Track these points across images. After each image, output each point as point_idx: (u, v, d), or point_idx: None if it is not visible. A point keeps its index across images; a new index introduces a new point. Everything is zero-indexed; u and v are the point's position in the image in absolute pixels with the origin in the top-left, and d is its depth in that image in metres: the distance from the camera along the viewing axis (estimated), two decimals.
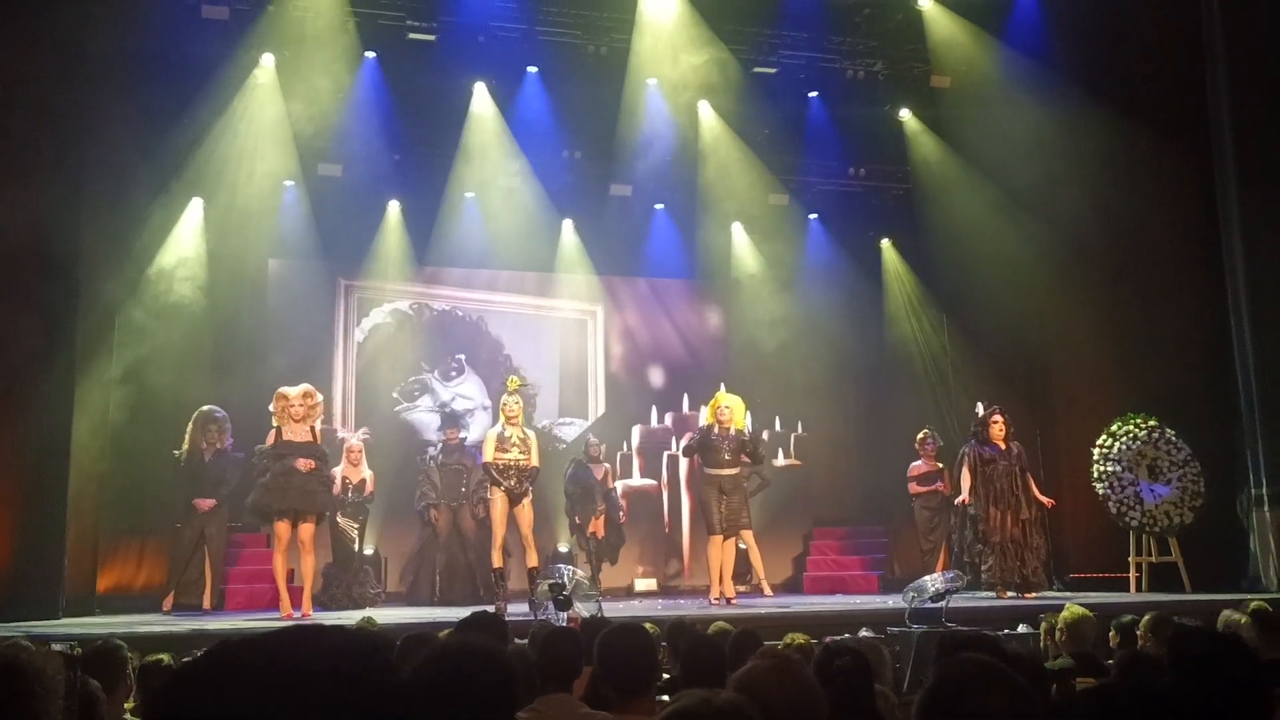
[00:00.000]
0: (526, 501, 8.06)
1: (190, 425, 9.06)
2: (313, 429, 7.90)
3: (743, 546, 8.97)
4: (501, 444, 8.06)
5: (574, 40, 10.53)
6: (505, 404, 8.18)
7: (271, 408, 7.91)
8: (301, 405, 7.81)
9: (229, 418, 9.20)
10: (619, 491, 10.73)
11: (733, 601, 8.44)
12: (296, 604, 7.88)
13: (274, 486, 7.64)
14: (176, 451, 9.06)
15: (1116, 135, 9.66)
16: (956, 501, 8.93)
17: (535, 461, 8.15)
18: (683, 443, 8.72)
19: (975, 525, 8.80)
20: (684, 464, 11.83)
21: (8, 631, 6.10)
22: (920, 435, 10.35)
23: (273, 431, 7.86)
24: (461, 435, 10.16)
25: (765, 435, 12.09)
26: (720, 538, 8.46)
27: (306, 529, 7.70)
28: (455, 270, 11.79)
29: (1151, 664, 3.04)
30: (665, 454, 11.99)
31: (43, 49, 7.62)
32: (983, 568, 8.68)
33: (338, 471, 9.13)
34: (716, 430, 8.56)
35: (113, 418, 9.11)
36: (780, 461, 12.16)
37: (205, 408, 9.13)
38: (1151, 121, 9.62)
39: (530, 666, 3.30)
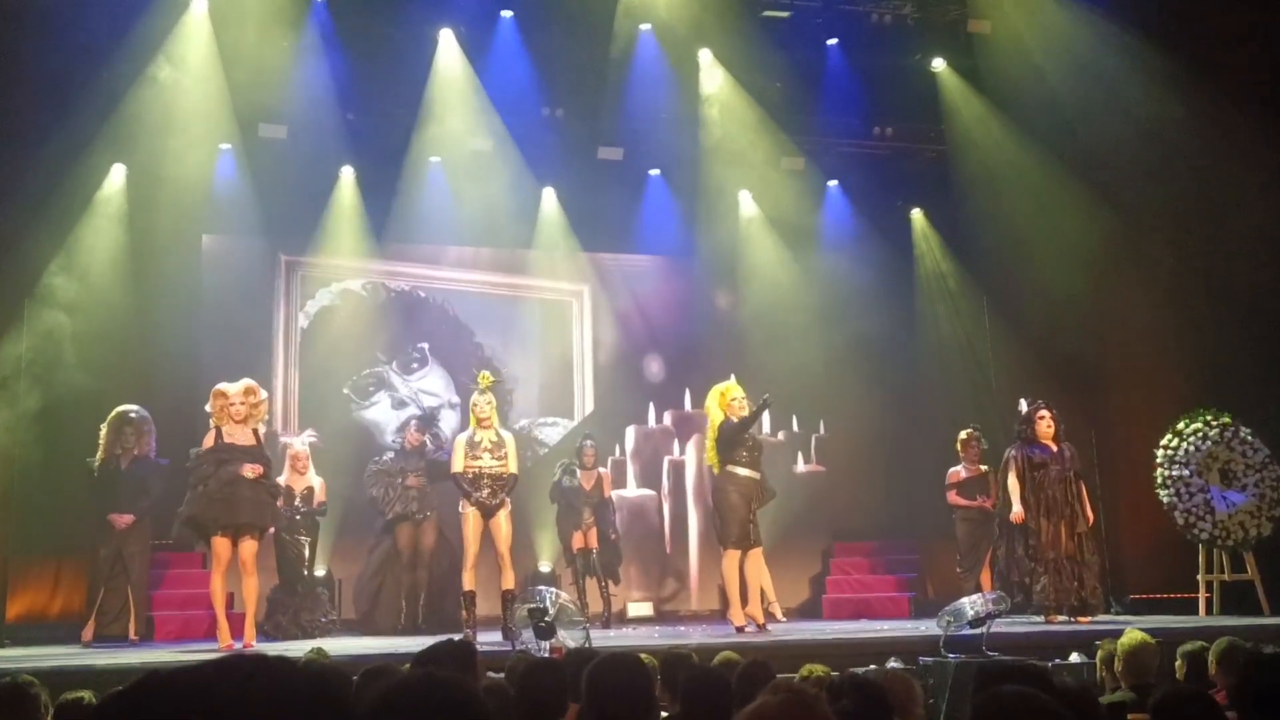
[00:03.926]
0: (503, 515, 8.06)
1: (104, 429, 9.03)
2: (255, 431, 7.89)
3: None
4: (472, 449, 8.05)
5: None
6: (475, 404, 8.16)
7: (209, 407, 7.88)
8: (243, 404, 7.79)
9: (150, 419, 9.17)
10: (614, 505, 10.71)
11: (763, 626, 8.41)
12: (237, 633, 7.87)
13: (218, 497, 7.61)
14: (90, 460, 9.04)
15: (1185, 93, 9.63)
16: (1011, 517, 8.80)
17: (513, 468, 8.13)
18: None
19: (1025, 539, 8.77)
20: (691, 470, 11.86)
21: None
22: (963, 435, 10.20)
23: (210, 433, 7.84)
24: (423, 439, 10.12)
25: (781, 436, 12.11)
26: (738, 552, 8.45)
27: (249, 546, 7.68)
28: (418, 247, 11.79)
29: (1196, 702, 3.05)
30: (666, 459, 12.00)
31: None
32: (1034, 588, 8.66)
33: (281, 481, 9.12)
34: (733, 425, 8.51)
35: (19, 422, 9.07)
36: (801, 467, 12.18)
37: (121, 408, 9.09)
38: (1227, 77, 9.59)
39: (507, 703, 3.31)
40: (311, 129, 10.64)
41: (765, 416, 11.40)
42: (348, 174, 11.25)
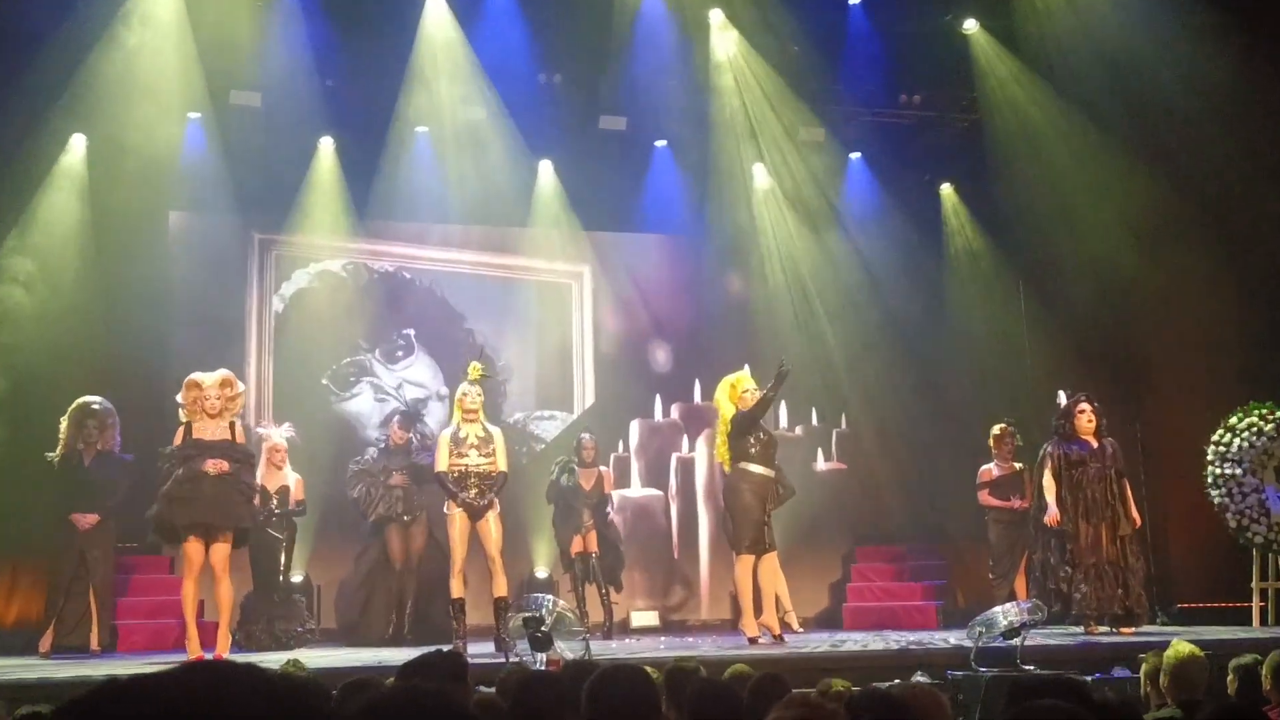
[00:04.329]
0: (492, 516, 8.08)
1: (65, 421, 9.04)
2: (231, 425, 7.88)
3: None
4: (457, 446, 8.07)
5: None
6: (463, 395, 8.18)
7: (180, 398, 7.84)
8: (219, 397, 7.78)
9: (114, 411, 9.18)
10: (614, 504, 10.73)
11: (779, 637, 8.42)
12: (209, 643, 7.89)
13: (178, 496, 7.62)
14: (50, 455, 9.05)
15: (1251, 57, 9.56)
16: (1045, 519, 8.82)
17: (502, 466, 8.15)
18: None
19: (1063, 543, 8.77)
20: (701, 468, 11.86)
21: None
22: (997, 430, 10.22)
23: (181, 428, 7.84)
24: (409, 436, 10.13)
25: (799, 431, 12.11)
26: (752, 557, 8.45)
27: (221, 549, 7.69)
28: (403, 225, 11.78)
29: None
30: (674, 456, 12.01)
31: None
32: (1075, 596, 8.66)
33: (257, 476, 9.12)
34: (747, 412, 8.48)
35: None
36: (820, 465, 12.20)
37: (83, 399, 9.11)
38: None
39: (499, 719, 3.31)
40: (288, 96, 10.63)
41: (781, 410, 11.43)
42: (327, 145, 11.25)
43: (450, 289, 11.97)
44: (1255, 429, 9.48)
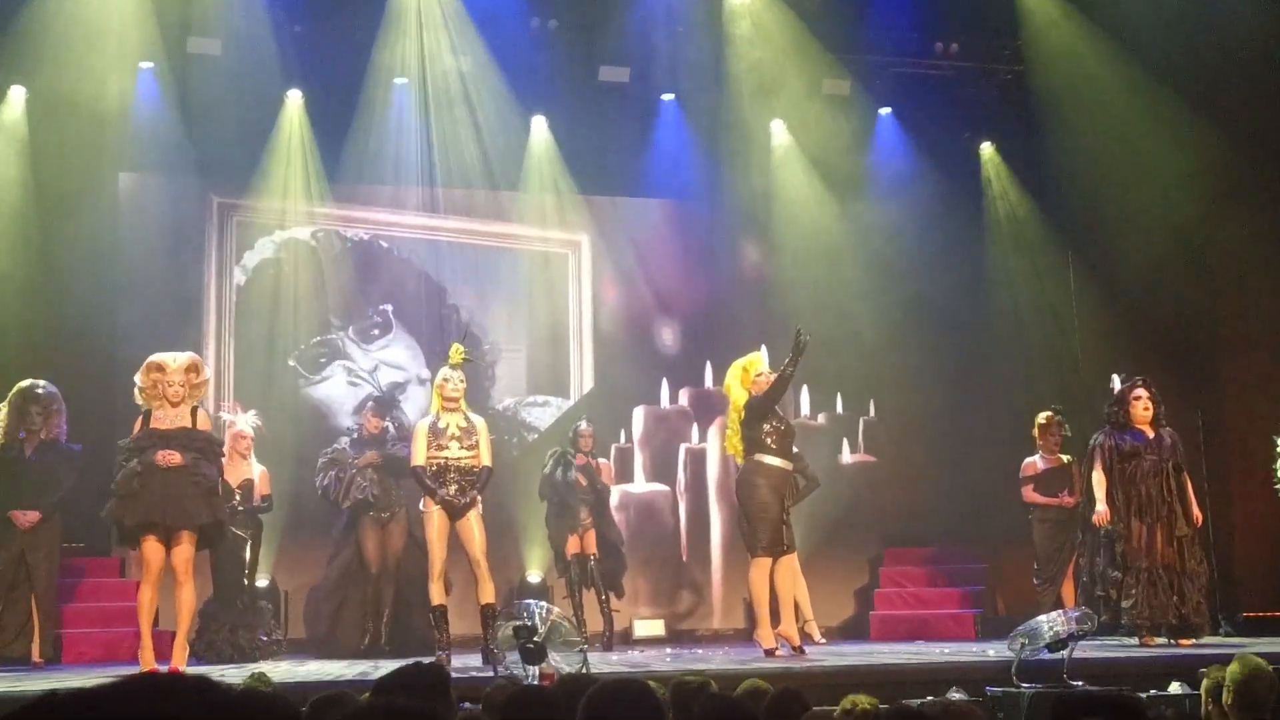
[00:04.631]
0: (473, 516, 8.08)
1: (4, 408, 9.05)
2: (194, 411, 7.80)
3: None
4: (436, 437, 8.07)
5: None
6: (443, 382, 8.18)
7: (139, 381, 7.75)
8: (183, 383, 7.70)
9: (60, 396, 9.19)
10: (613, 501, 10.72)
11: (799, 648, 8.42)
12: (165, 655, 7.89)
13: (126, 493, 7.59)
14: None
15: None
16: (1094, 518, 8.82)
17: (485, 459, 8.15)
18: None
19: (1114, 545, 8.78)
20: (713, 461, 11.87)
21: None
22: (1042, 418, 10.21)
23: (140, 417, 7.78)
24: (384, 425, 10.12)
25: (822, 420, 12.11)
26: (769, 559, 8.45)
27: (182, 551, 7.62)
28: (379, 188, 11.71)
29: None
30: (683, 447, 12.01)
31: None
32: (1124, 604, 8.67)
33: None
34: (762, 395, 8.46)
35: None
36: (846, 458, 12.20)
37: (25, 383, 9.11)
38: None
39: None
40: (251, 44, 10.60)
41: (802, 396, 11.42)
42: (294, 99, 11.23)
43: (432, 259, 11.92)
44: None
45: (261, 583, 9.89)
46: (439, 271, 11.91)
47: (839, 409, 12.24)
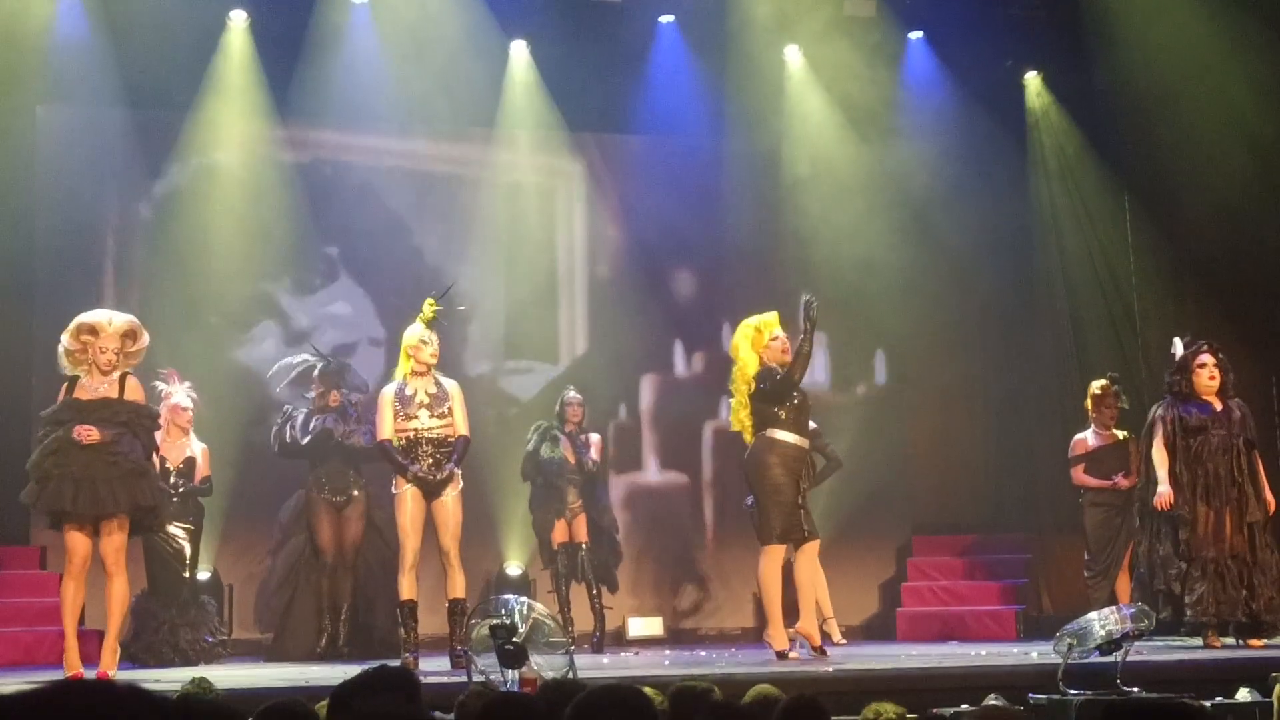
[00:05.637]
0: (451, 494, 8.11)
1: None
2: (123, 379, 7.70)
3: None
4: (404, 406, 8.07)
5: None
6: (421, 343, 8.15)
7: (66, 343, 7.65)
8: (117, 350, 7.61)
9: None
10: (617, 494, 10.74)
11: (819, 649, 8.44)
12: (92, 658, 7.91)
13: (38, 475, 7.53)
14: None
15: None
16: (1156, 501, 8.83)
17: (462, 428, 8.16)
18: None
19: (1176, 532, 8.79)
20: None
21: None
22: (1096, 388, 10.14)
23: (64, 385, 7.72)
24: (343, 393, 9.96)
25: (844, 393, 12.11)
26: (782, 549, 8.45)
27: (113, 540, 7.60)
28: (328, 106, 11.34)
29: None
30: (708, 426, 11.86)
31: None
32: (1187, 599, 8.69)
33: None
34: (780, 374, 8.43)
35: None
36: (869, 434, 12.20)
37: None
38: None
39: None
40: None
41: (819, 364, 11.40)
42: (238, 20, 11.19)
43: (392, 191, 11.60)
44: None
45: (203, 575, 9.91)
46: (400, 206, 11.62)
47: (871, 377, 12.23)
